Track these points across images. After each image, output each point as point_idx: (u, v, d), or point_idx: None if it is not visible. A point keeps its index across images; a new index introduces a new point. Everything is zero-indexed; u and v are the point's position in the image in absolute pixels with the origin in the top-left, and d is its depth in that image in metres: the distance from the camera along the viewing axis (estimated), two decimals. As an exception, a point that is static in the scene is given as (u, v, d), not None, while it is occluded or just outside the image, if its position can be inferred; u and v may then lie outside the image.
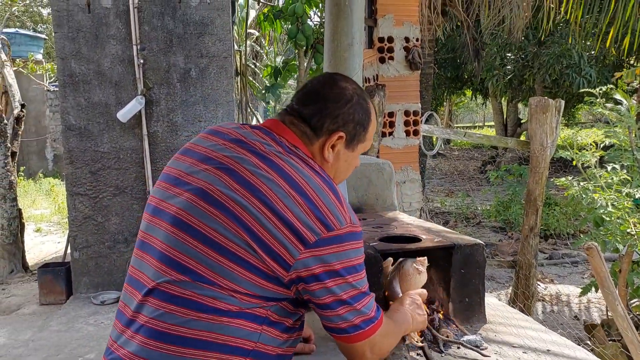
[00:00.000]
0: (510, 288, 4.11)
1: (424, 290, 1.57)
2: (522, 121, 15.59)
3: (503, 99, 15.21)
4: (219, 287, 1.08)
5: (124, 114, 4.89)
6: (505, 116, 16.74)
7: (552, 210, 7.49)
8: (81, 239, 5.06)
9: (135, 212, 5.10)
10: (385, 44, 3.83)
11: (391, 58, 3.41)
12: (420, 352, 1.65)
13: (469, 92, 19.65)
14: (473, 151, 21.13)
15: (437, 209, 9.46)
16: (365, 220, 2.19)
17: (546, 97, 3.22)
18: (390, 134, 3.46)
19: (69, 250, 5.22)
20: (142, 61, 4.96)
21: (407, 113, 3.58)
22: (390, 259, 1.72)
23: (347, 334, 1.14)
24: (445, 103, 21.94)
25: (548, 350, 1.66)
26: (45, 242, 7.88)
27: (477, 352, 1.62)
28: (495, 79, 11.33)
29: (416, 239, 1.89)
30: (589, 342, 3.68)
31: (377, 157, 3.17)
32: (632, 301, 3.42)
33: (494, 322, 1.86)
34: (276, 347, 1.15)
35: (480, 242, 1.84)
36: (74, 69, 4.95)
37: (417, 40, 3.56)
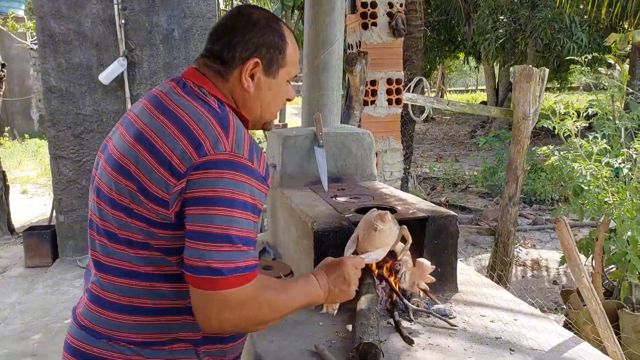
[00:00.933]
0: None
1: (364, 259, 1.40)
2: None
3: (495, 63, 15.08)
4: (129, 245, 1.09)
5: (106, 76, 4.80)
6: (497, 80, 16.64)
7: (538, 176, 7.54)
8: (66, 203, 5.05)
9: (120, 175, 5.08)
10: (369, 9, 3.72)
11: (374, 24, 3.32)
12: (390, 320, 1.69)
13: (462, 56, 19.45)
14: (464, 116, 21.10)
15: (426, 174, 9.50)
16: (344, 190, 2.20)
17: (530, 66, 3.19)
18: (373, 102, 3.41)
19: (54, 214, 5.22)
20: (123, 21, 4.84)
21: (389, 81, 3.51)
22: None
23: (200, 277, 0.99)
24: (438, 66, 21.73)
25: (515, 320, 1.70)
26: (32, 204, 7.84)
27: (445, 321, 1.66)
28: (487, 42, 11.20)
29: (392, 210, 1.90)
30: (564, 306, 3.77)
31: (359, 126, 3.15)
32: (608, 267, 3.49)
33: (465, 292, 1.90)
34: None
35: (454, 213, 1.86)
36: (54, 29, 4.82)
37: (401, 5, 3.46)
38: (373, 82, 3.40)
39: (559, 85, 19.73)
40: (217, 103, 1.13)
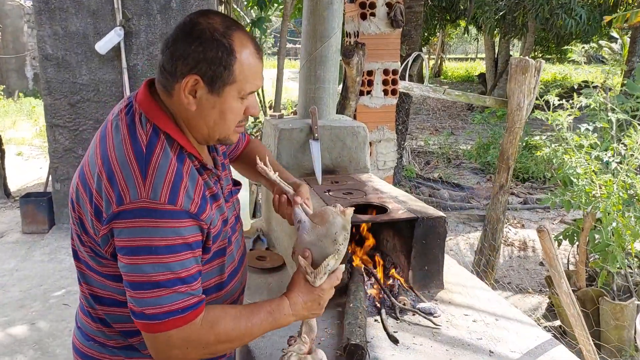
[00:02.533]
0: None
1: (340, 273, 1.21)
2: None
3: (495, 35, 14.91)
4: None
5: (103, 45, 4.75)
6: (496, 52, 16.48)
7: (531, 154, 7.60)
8: (62, 171, 5.08)
9: (116, 145, 5.08)
10: (368, 0, 3.68)
11: (373, 14, 3.28)
12: (377, 318, 1.77)
13: (463, 23, 19.18)
14: (463, 85, 20.97)
15: (420, 147, 9.53)
16: (338, 183, 2.25)
17: (527, 58, 3.20)
18: (368, 92, 3.41)
19: (50, 181, 5.25)
20: (120, -10, 4.77)
21: (386, 72, 3.51)
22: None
23: (134, 319, 1.04)
24: (438, 34, 21.44)
25: (497, 320, 1.79)
26: (27, 167, 7.86)
27: (430, 320, 1.74)
28: (486, 15, 11.04)
29: (383, 209, 1.96)
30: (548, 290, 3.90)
31: (354, 116, 3.16)
32: (591, 255, 3.60)
33: (452, 290, 1.98)
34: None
35: (443, 214, 1.92)
36: (50, -5, 4.74)
37: (400, -5, 3.45)
38: (370, 73, 3.41)
39: (557, 58, 19.57)
40: (148, 135, 1.08)
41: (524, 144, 7.24)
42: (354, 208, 1.29)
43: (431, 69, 25.18)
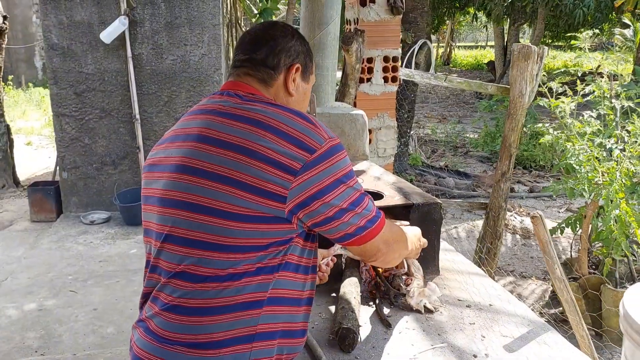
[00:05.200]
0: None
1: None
2: (523, 45, 15.17)
3: (504, 22, 14.75)
4: (232, 251, 1.12)
5: (108, 35, 4.77)
6: (506, 39, 16.32)
7: (538, 142, 7.57)
8: (69, 160, 5.13)
9: (122, 135, 5.12)
10: (367, -14, 3.57)
11: (372, 1, 3.25)
12: (371, 303, 1.79)
13: (471, 11, 18.98)
14: (473, 73, 20.81)
15: (427, 136, 9.50)
16: (335, 170, 2.26)
17: (529, 45, 3.17)
18: (369, 80, 3.39)
19: (58, 170, 5.32)
20: (124, -21, 4.78)
21: (386, 59, 3.48)
22: None
23: (357, 236, 1.20)
24: (447, 21, 21.25)
25: (490, 305, 1.80)
26: (36, 156, 7.95)
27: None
28: (495, 1, 10.91)
29: (379, 196, 1.97)
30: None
31: (354, 103, 3.15)
32: (594, 243, 3.59)
33: (448, 277, 1.99)
34: (293, 289, 1.20)
35: (438, 200, 1.92)
36: (54, -15, 4.76)
37: (400, -18, 3.42)
38: (369, 60, 3.39)
39: (565, 44, 19.34)
40: (278, 103, 1.25)
41: (531, 132, 7.20)
42: None
43: (440, 56, 24.99)
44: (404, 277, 1.82)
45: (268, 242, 1.14)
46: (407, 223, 1.76)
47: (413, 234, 1.58)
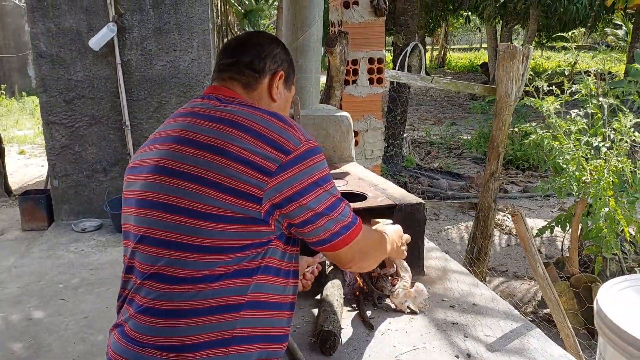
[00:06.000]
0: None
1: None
2: (516, 46, 15.22)
3: (496, 23, 14.80)
4: (209, 252, 1.11)
5: (96, 42, 4.76)
6: (498, 41, 16.38)
7: (525, 142, 7.57)
8: (60, 168, 5.11)
9: (112, 142, 5.11)
10: (350, -12, 3.58)
11: (356, 3, 3.26)
12: (354, 305, 1.78)
13: (465, 13, 19.06)
14: (467, 74, 20.85)
15: (421, 138, 9.51)
16: (319, 172, 2.25)
17: (514, 44, 3.17)
18: (354, 82, 3.39)
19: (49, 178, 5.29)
20: (112, -14, 4.77)
21: (371, 60, 3.49)
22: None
23: (330, 242, 1.19)
24: (441, 24, 21.32)
25: (474, 305, 1.79)
26: (29, 165, 7.92)
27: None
28: (486, 2, 10.95)
29: (362, 197, 1.96)
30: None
31: (340, 105, 3.14)
32: (585, 242, 3.59)
33: (433, 276, 1.98)
34: (274, 294, 1.19)
35: (421, 201, 1.91)
36: (42, -8, 4.76)
37: (383, -16, 3.42)
38: (354, 62, 3.39)
39: (562, 44, 19.40)
40: (256, 105, 1.26)
41: (523, 131, 7.21)
42: None
43: (435, 59, 25.05)
44: (389, 278, 1.81)
45: (245, 244, 1.13)
46: (390, 221, 1.75)
47: (394, 232, 1.58)
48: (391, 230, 1.57)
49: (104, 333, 3.27)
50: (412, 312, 1.73)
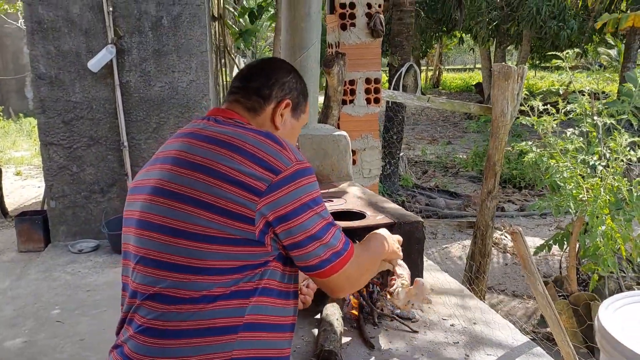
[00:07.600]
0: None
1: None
2: (510, 66, 15.39)
3: (490, 44, 15.00)
4: (204, 273, 1.11)
5: (95, 63, 4.80)
6: (492, 61, 16.58)
7: (523, 161, 7.61)
8: (57, 189, 5.10)
9: (110, 162, 5.11)
10: (347, 10, 3.74)
11: (353, 25, 3.33)
12: (355, 324, 1.77)
13: (459, 34, 19.33)
14: (462, 95, 21.04)
15: (418, 157, 9.56)
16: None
17: (509, 64, 3.23)
18: (351, 101, 3.44)
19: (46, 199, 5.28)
20: (111, 8, 4.83)
21: (368, 81, 3.55)
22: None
23: (320, 269, 1.17)
24: (435, 45, 21.59)
25: (474, 324, 1.78)
26: (26, 186, 7.90)
27: (407, 326, 1.74)
28: (479, 25, 11.12)
29: (361, 215, 1.97)
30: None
31: (337, 125, 3.18)
32: (583, 260, 3.59)
33: (433, 295, 1.98)
34: (273, 315, 1.18)
35: (420, 219, 1.93)
36: (42, 15, 4.81)
37: (379, 6, 3.48)
38: (352, 82, 3.44)
39: (556, 63, 19.63)
40: (252, 127, 1.25)
41: (520, 150, 7.26)
42: None
43: (430, 79, 25.29)
44: (389, 278, 1.73)
45: (240, 265, 1.13)
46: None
47: (389, 235, 1.55)
48: (385, 233, 1.55)
49: (101, 355, 3.23)
50: (418, 309, 1.73)
